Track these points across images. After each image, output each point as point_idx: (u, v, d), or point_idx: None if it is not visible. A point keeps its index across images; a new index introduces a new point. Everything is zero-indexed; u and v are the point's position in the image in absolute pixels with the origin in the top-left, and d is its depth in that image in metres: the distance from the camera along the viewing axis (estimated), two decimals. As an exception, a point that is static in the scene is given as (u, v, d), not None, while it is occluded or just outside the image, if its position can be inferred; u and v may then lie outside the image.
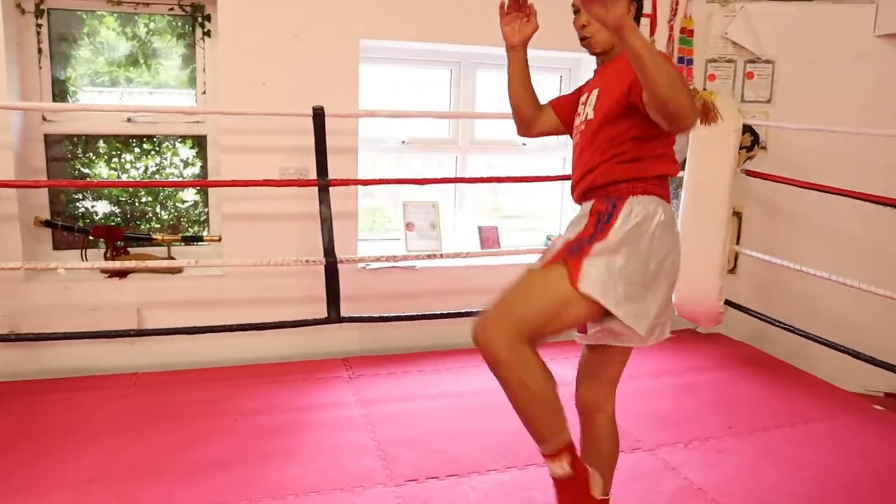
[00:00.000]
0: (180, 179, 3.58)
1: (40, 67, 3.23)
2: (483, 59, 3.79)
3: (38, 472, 2.39)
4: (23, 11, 3.15)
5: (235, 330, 3.19)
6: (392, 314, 3.38)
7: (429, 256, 3.46)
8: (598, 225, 1.76)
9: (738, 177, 3.61)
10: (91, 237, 3.33)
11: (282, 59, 3.29)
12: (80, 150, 3.42)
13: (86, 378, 3.17)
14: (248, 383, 3.16)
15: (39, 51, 3.21)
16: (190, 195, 3.63)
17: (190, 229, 3.61)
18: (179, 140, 3.52)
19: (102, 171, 3.47)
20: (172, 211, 3.61)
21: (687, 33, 3.74)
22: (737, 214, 3.83)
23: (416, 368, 3.38)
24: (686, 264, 1.92)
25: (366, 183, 3.35)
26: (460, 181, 3.65)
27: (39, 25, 3.19)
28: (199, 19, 3.35)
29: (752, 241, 3.80)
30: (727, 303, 3.63)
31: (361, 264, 3.53)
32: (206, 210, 3.59)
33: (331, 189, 3.21)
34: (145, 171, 3.51)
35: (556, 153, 4.06)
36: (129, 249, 3.40)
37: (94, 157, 3.45)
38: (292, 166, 3.36)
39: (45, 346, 3.18)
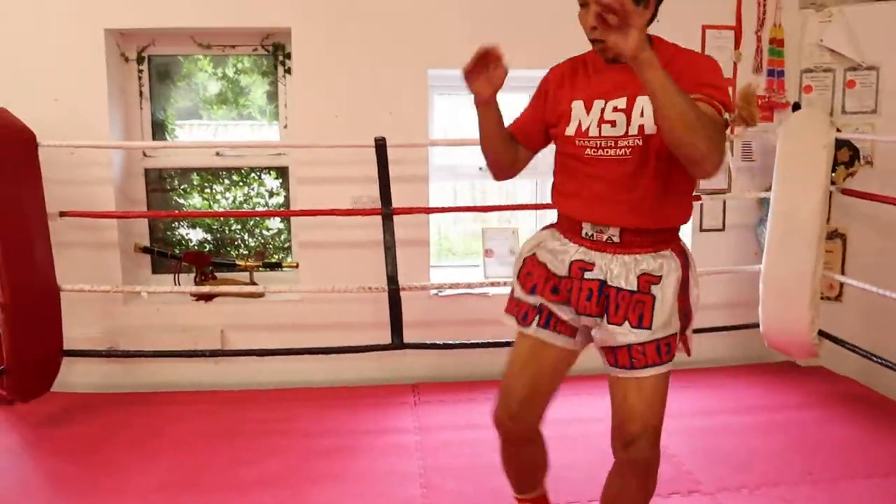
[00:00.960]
0: (265, 209, 3.78)
1: (141, 108, 3.55)
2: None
3: (113, 477, 2.61)
4: (126, 59, 3.48)
5: (305, 353, 3.32)
6: (456, 341, 3.37)
7: (491, 284, 3.42)
8: (686, 291, 1.77)
9: (837, 196, 3.30)
10: (183, 262, 3.60)
11: (353, 91, 3.40)
12: (176, 182, 3.71)
13: (172, 393, 3.40)
14: (317, 405, 3.27)
15: (140, 93, 3.53)
16: (275, 223, 3.83)
17: (275, 256, 3.80)
18: (265, 171, 3.74)
19: (196, 200, 3.74)
20: (259, 238, 3.83)
21: (777, 43, 3.49)
22: (840, 237, 3.50)
23: (483, 396, 3.32)
24: (775, 292, 1.80)
25: (429, 211, 3.38)
26: (522, 208, 3.57)
27: (141, 71, 3.52)
28: (280, 57, 3.55)
29: (860, 267, 3.44)
30: (827, 335, 3.31)
31: (434, 291, 3.56)
32: (289, 237, 3.77)
33: (402, 217, 3.28)
34: (234, 200, 3.75)
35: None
36: (216, 274, 3.63)
37: (188, 189, 3.73)
38: (365, 195, 3.45)
39: (139, 362, 3.45)
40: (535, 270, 1.85)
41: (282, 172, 3.71)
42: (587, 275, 1.75)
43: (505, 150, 1.85)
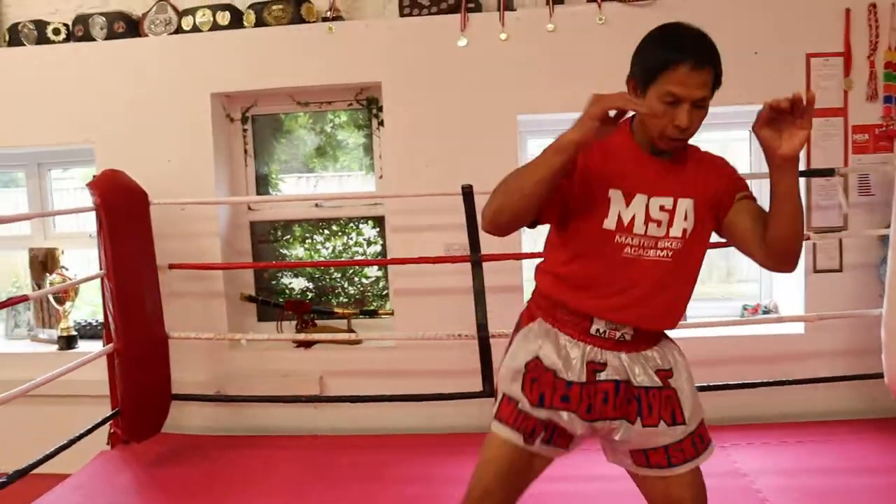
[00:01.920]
0: (362, 258, 3.88)
1: (246, 165, 3.76)
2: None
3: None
4: (231, 120, 3.72)
5: (398, 400, 3.35)
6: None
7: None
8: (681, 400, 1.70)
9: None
10: (285, 310, 3.74)
11: (443, 139, 3.45)
12: (279, 233, 3.89)
13: (274, 437, 3.50)
14: (409, 452, 3.26)
15: (245, 151, 3.75)
16: (373, 271, 3.92)
17: (374, 303, 3.88)
18: (363, 221, 3.85)
19: (299, 251, 3.90)
20: (358, 286, 3.93)
21: (893, 68, 3.23)
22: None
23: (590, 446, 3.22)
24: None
25: (518, 257, 3.33)
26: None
27: (245, 129, 3.74)
28: (374, 111, 3.67)
29: None
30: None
31: (526, 336, 3.50)
32: (387, 285, 3.84)
33: (495, 263, 3.28)
34: (333, 250, 3.88)
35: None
36: (316, 322, 3.75)
37: (291, 239, 3.89)
38: (457, 242, 3.46)
39: (243, 406, 3.59)
40: (541, 377, 1.67)
41: (378, 221, 3.80)
42: (600, 376, 1.65)
43: (535, 206, 1.58)
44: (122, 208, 3.10)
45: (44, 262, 3.79)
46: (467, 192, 3.13)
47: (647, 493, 1.74)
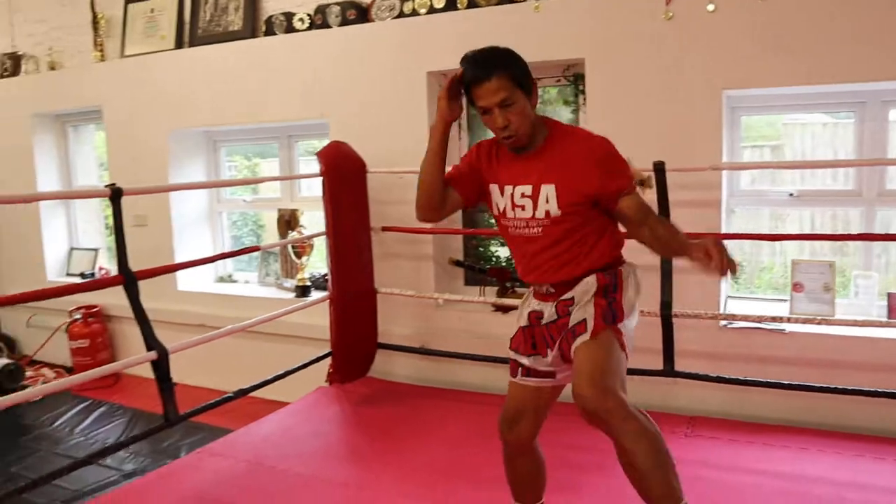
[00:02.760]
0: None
1: (459, 138, 4.02)
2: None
3: (398, 455, 3.03)
4: (448, 96, 3.99)
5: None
6: (729, 377, 3.16)
7: (788, 320, 3.11)
8: (609, 296, 1.98)
9: None
10: (487, 276, 3.97)
11: (644, 116, 3.41)
12: (487, 204, 4.11)
13: (468, 392, 3.76)
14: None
15: (459, 125, 4.01)
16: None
17: (572, 275, 3.96)
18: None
19: (504, 221, 4.08)
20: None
21: None
22: None
23: (762, 441, 3.06)
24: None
25: (716, 238, 3.20)
26: (828, 238, 3.17)
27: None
28: (580, 87, 3.72)
29: None
30: None
31: (723, 322, 3.37)
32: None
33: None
34: (536, 221, 4.01)
35: None
36: (516, 289, 3.92)
37: (496, 210, 4.09)
38: (654, 218, 3.43)
39: (443, 361, 3.89)
40: (518, 333, 2.15)
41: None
42: (541, 321, 2.06)
43: (439, 180, 2.02)
44: (342, 175, 3.53)
45: (288, 221, 4.41)
46: (659, 169, 3.09)
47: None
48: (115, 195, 2.62)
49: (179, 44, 4.66)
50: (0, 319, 5.72)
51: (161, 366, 2.70)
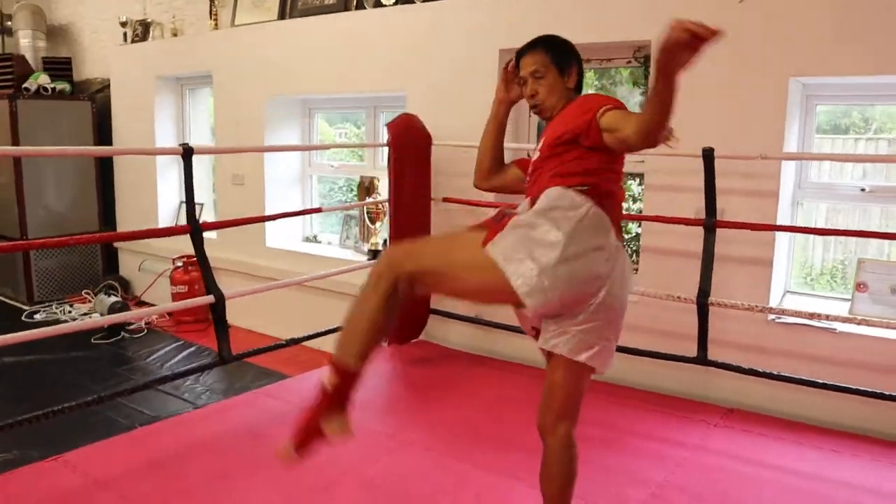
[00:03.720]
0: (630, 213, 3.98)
1: (529, 116, 4.10)
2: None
3: (434, 410, 3.24)
4: (520, 74, 4.07)
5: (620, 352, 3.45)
6: (765, 371, 3.10)
7: (827, 317, 3.01)
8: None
9: None
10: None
11: (709, 100, 3.36)
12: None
13: (513, 363, 3.87)
14: (617, 402, 3.37)
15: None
16: (636, 227, 3.98)
17: (632, 258, 3.97)
18: (633, 177, 3.93)
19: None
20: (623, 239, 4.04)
21: None
22: None
23: (793, 439, 3.00)
24: None
25: (756, 227, 3.12)
26: (871, 235, 3.01)
27: (532, 83, 4.07)
28: (649, 69, 3.69)
29: None
30: None
31: (772, 316, 3.30)
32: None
33: (746, 234, 3.17)
34: (600, 202, 4.04)
35: None
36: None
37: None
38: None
39: (495, 331, 4.01)
40: None
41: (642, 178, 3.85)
42: None
43: (494, 152, 2.31)
44: (407, 146, 3.71)
45: (367, 188, 4.65)
46: (708, 155, 3.06)
47: None
48: (186, 153, 2.91)
49: (282, 15, 4.97)
50: (119, 263, 6.36)
51: (217, 308, 3.00)
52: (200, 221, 3.02)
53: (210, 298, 3.01)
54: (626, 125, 1.84)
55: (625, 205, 3.85)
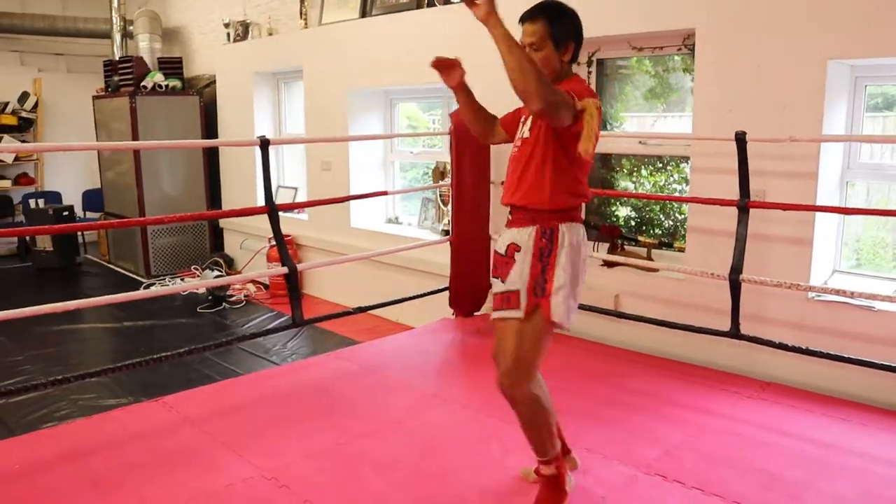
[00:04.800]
0: (678, 195, 4.13)
1: (587, 103, 4.31)
2: None
3: (477, 378, 3.58)
4: (578, 63, 4.28)
5: (657, 324, 3.68)
6: (794, 345, 3.22)
7: (872, 296, 3.10)
8: (544, 259, 2.18)
9: None
10: (600, 233, 4.26)
11: (749, 85, 3.48)
12: (611, 164, 4.38)
13: (573, 338, 4.09)
14: (656, 372, 3.58)
15: (588, 88, 4.29)
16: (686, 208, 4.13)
17: (682, 238, 4.13)
18: (684, 160, 4.08)
19: (625, 182, 4.33)
20: (674, 220, 4.20)
21: None
22: None
23: (822, 411, 3.11)
24: None
25: (785, 207, 3.23)
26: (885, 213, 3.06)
27: (590, 72, 4.27)
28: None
29: None
30: None
31: (812, 294, 3.40)
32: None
33: (788, 214, 3.31)
34: (654, 185, 4.21)
35: None
36: (625, 247, 4.18)
37: (617, 172, 4.35)
38: (753, 189, 3.51)
39: (552, 308, 4.28)
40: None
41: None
42: (502, 251, 2.30)
43: (476, 121, 2.50)
44: (467, 133, 3.98)
45: (442, 172, 4.99)
46: (740, 139, 3.20)
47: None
48: (263, 144, 3.35)
49: (364, 13, 5.38)
50: (224, 242, 7.02)
51: (291, 279, 3.44)
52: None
53: (284, 270, 3.44)
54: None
55: (678, 186, 4.08)
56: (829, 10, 3.21)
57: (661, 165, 4.21)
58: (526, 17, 2.23)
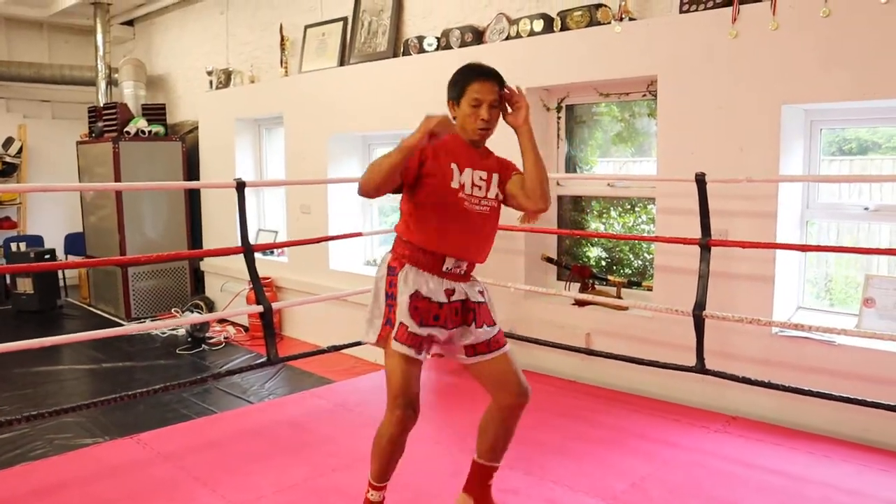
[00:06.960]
0: (646, 234, 4.26)
1: (558, 147, 4.46)
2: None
3: (446, 415, 3.62)
4: (548, 109, 4.45)
5: (625, 360, 3.77)
6: (758, 379, 3.31)
7: (827, 330, 3.21)
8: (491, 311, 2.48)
9: None
10: (571, 272, 4.36)
11: (707, 129, 3.64)
12: (582, 207, 4.51)
13: (545, 377, 4.20)
14: (630, 409, 3.66)
15: (558, 136, 4.45)
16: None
17: (650, 278, 4.25)
18: (651, 201, 4.22)
19: (597, 224, 4.46)
20: (643, 259, 4.32)
21: None
22: None
23: (789, 445, 3.19)
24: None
25: (745, 245, 3.35)
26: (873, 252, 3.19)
27: (559, 118, 4.43)
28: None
29: None
30: None
31: (776, 329, 3.51)
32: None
33: (748, 252, 3.43)
34: (624, 226, 4.34)
35: None
36: (595, 286, 4.28)
37: (587, 214, 4.47)
38: (715, 228, 3.64)
39: (527, 345, 4.36)
40: (421, 304, 2.33)
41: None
42: (452, 298, 2.37)
43: (395, 179, 2.28)
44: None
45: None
46: (700, 180, 3.34)
47: (478, 374, 2.46)
48: (239, 186, 3.45)
49: (342, 62, 5.55)
50: (205, 285, 7.07)
51: (266, 317, 3.50)
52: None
53: (259, 308, 3.51)
54: (522, 192, 2.39)
55: (646, 227, 4.21)
56: (783, 56, 3.39)
57: (629, 207, 4.35)
58: (488, 76, 2.36)
